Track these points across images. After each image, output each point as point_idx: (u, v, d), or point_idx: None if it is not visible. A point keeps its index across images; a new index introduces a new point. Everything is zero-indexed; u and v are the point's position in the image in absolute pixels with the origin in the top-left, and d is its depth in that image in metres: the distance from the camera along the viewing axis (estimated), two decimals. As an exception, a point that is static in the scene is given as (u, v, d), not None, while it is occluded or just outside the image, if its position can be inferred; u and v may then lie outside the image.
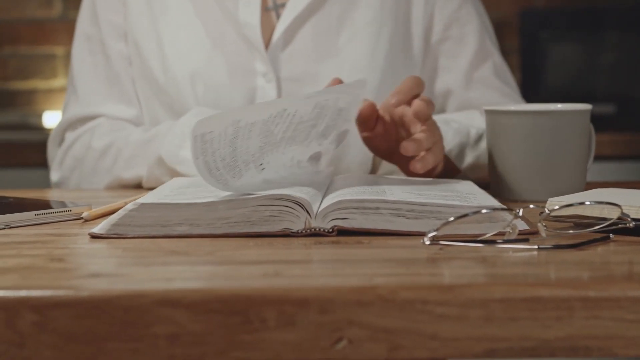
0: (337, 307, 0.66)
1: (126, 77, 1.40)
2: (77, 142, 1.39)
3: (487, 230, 0.84)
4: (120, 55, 1.40)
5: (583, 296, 0.67)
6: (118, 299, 0.66)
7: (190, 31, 1.37)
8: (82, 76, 1.42)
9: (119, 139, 1.34)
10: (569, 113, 1.07)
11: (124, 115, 1.40)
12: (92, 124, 1.40)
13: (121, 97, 1.40)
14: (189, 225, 0.87)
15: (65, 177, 1.40)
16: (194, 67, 1.35)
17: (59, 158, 1.41)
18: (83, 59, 1.42)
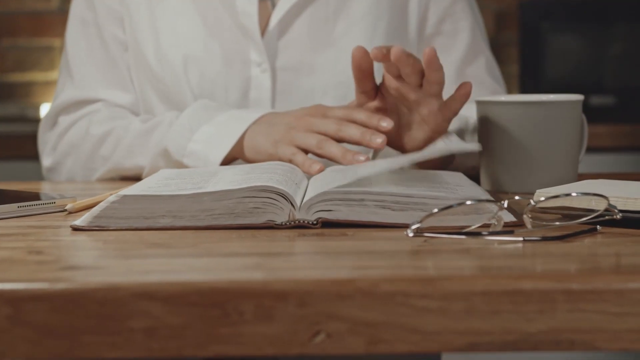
0: (316, 300, 0.65)
1: (122, 62, 1.39)
2: (74, 128, 1.37)
3: (473, 222, 0.83)
4: (116, 40, 1.39)
5: (566, 289, 0.66)
6: (94, 292, 0.65)
7: (187, 18, 1.36)
8: (77, 60, 1.40)
9: (118, 127, 1.33)
10: (560, 103, 1.06)
11: (120, 101, 1.39)
12: (89, 108, 1.38)
13: (118, 82, 1.39)
14: (172, 217, 0.86)
15: (58, 163, 1.38)
16: (189, 55, 1.34)
17: (52, 142, 1.39)
18: (78, 42, 1.40)
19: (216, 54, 1.34)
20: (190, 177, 0.98)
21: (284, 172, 0.98)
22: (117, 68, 1.39)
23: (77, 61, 1.39)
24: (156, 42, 1.36)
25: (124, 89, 1.39)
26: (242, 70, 1.35)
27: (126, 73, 1.39)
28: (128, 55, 1.39)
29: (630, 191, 0.85)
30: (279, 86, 1.35)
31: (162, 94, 1.36)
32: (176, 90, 1.35)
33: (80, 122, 1.37)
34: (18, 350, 0.65)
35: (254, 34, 1.34)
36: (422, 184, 0.94)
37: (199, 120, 1.23)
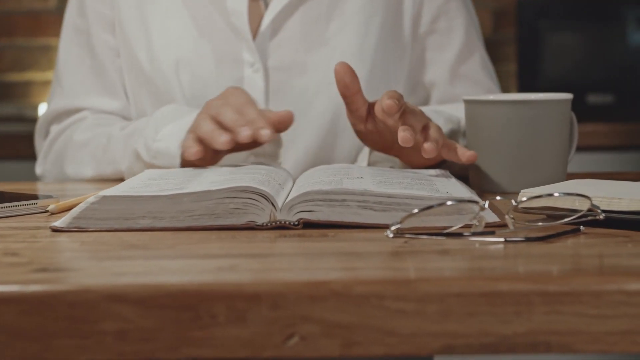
0: (289, 303, 0.65)
1: (112, 68, 1.39)
2: (61, 137, 1.39)
3: (455, 222, 0.82)
4: (106, 46, 1.39)
5: (543, 290, 0.65)
6: (64, 295, 0.64)
7: (178, 20, 1.35)
8: (67, 68, 1.41)
9: (100, 134, 1.33)
10: (548, 103, 1.05)
11: (108, 108, 1.39)
12: (77, 117, 1.39)
13: (105, 89, 1.39)
14: (153, 218, 0.85)
15: (47, 171, 1.40)
16: (180, 56, 1.34)
17: (44, 151, 1.41)
18: (69, 50, 1.41)
19: (208, 55, 1.34)
20: (173, 177, 0.97)
21: (267, 173, 0.97)
22: (106, 75, 1.39)
23: (66, 69, 1.40)
24: (148, 44, 1.35)
25: (113, 96, 1.39)
26: (235, 71, 1.34)
27: (116, 79, 1.39)
28: (120, 60, 1.39)
29: (615, 191, 0.84)
30: (272, 86, 1.35)
31: (154, 96, 1.36)
32: (168, 92, 1.34)
33: (67, 131, 1.39)
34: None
35: (245, 34, 1.33)
36: (408, 182, 0.93)
37: (164, 121, 1.23)
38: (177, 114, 1.23)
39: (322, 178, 0.94)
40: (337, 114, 1.35)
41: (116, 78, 1.39)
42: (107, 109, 1.39)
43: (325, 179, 0.93)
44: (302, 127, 1.35)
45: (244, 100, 1.14)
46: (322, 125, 1.35)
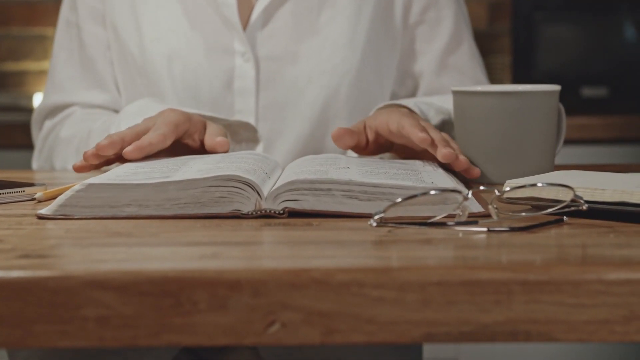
0: (270, 290, 0.65)
1: (102, 61, 1.40)
2: (52, 133, 1.41)
3: (440, 212, 0.82)
4: (96, 39, 1.39)
5: (522, 279, 0.65)
6: (45, 281, 0.65)
7: (168, 11, 1.36)
8: (58, 62, 1.42)
9: (82, 129, 1.34)
10: (535, 94, 1.05)
11: (97, 101, 1.40)
12: (67, 112, 1.41)
13: (95, 82, 1.40)
14: (138, 207, 0.86)
15: (41, 167, 1.42)
16: (171, 48, 1.34)
17: (38, 148, 1.43)
18: (61, 44, 1.42)
19: (199, 46, 1.34)
20: (160, 166, 0.98)
21: (254, 162, 0.97)
22: (95, 68, 1.40)
23: (58, 64, 1.42)
24: (139, 36, 1.36)
25: (102, 89, 1.40)
26: (226, 61, 1.34)
27: (106, 72, 1.40)
28: (111, 53, 1.39)
29: (598, 182, 0.84)
30: (263, 76, 1.35)
31: (145, 88, 1.36)
32: (158, 83, 1.34)
33: (57, 126, 1.41)
34: (-31, 338, 0.65)
35: (235, 24, 1.33)
36: (394, 172, 0.93)
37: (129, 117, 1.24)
38: (143, 109, 1.24)
39: (308, 167, 0.94)
40: (328, 104, 1.35)
41: (106, 71, 1.40)
42: (96, 103, 1.40)
43: (312, 168, 0.94)
44: (292, 117, 1.35)
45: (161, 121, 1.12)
46: (312, 114, 1.35)
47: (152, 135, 1.06)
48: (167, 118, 1.10)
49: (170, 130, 1.07)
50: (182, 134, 1.11)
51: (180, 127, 1.10)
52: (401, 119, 1.07)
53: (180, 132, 1.10)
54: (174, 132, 1.08)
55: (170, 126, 1.08)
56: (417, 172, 0.96)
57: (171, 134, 1.07)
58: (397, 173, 0.94)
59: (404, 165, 1.01)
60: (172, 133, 1.08)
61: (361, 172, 0.92)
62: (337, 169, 0.94)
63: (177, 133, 1.09)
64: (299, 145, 1.36)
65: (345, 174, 0.89)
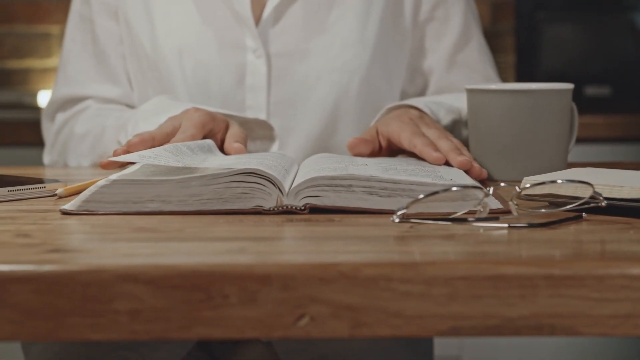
0: (299, 284, 0.66)
1: (115, 55, 1.40)
2: (65, 127, 1.41)
3: (459, 208, 0.83)
4: (109, 33, 1.40)
5: (547, 274, 0.66)
6: (78, 274, 0.66)
7: (181, 6, 1.37)
8: (71, 55, 1.42)
9: (97, 124, 1.35)
10: (549, 92, 1.06)
11: (111, 95, 1.40)
12: (80, 106, 1.41)
13: (108, 76, 1.41)
14: (161, 202, 0.87)
15: (54, 161, 1.43)
16: (183, 43, 1.35)
17: (50, 141, 1.44)
18: (74, 38, 1.42)
19: (210, 42, 1.35)
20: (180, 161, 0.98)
21: (273, 158, 0.98)
22: (108, 62, 1.40)
23: (70, 57, 1.42)
24: (151, 30, 1.37)
25: (115, 82, 1.41)
26: (237, 57, 1.35)
27: (119, 66, 1.40)
28: (123, 47, 1.40)
29: (616, 179, 0.86)
30: (274, 72, 1.36)
31: (157, 83, 1.37)
32: (170, 78, 1.35)
33: (71, 121, 1.41)
34: (2, 331, 0.66)
35: (248, 20, 1.34)
36: (412, 168, 0.94)
37: (146, 115, 1.25)
38: (160, 107, 1.25)
39: (327, 164, 0.95)
40: (339, 101, 1.36)
41: (119, 65, 1.41)
42: (109, 96, 1.40)
43: (331, 165, 0.95)
44: (303, 113, 1.36)
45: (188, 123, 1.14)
46: (323, 111, 1.36)
47: (181, 138, 1.08)
48: (193, 118, 1.12)
49: (198, 132, 1.10)
50: (206, 133, 1.13)
51: (206, 127, 1.12)
52: (413, 138, 1.08)
53: (205, 131, 1.12)
54: (201, 132, 1.11)
55: (198, 127, 1.10)
56: (434, 169, 0.97)
57: (199, 135, 1.10)
58: (415, 170, 0.95)
59: (421, 163, 1.02)
60: (200, 133, 1.10)
61: (380, 169, 0.93)
62: (356, 165, 0.95)
63: (203, 133, 1.11)
64: (309, 141, 1.37)
65: (364, 171, 0.90)
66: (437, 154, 1.03)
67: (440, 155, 1.03)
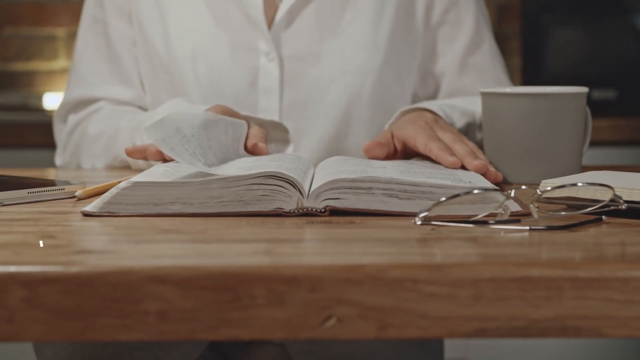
0: (326, 286, 0.66)
1: (128, 57, 1.41)
2: (78, 129, 1.41)
3: (479, 211, 0.84)
4: (122, 35, 1.41)
5: (573, 276, 0.67)
6: (107, 275, 0.66)
7: (194, 9, 1.37)
8: (84, 57, 1.43)
9: (110, 126, 1.35)
10: (565, 96, 1.07)
11: (124, 97, 1.41)
12: (93, 107, 1.41)
13: (121, 78, 1.41)
14: (182, 204, 0.87)
15: (67, 163, 1.43)
16: (196, 46, 1.36)
17: (62, 143, 1.44)
18: (87, 40, 1.43)
19: (223, 44, 1.35)
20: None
21: (291, 161, 0.99)
22: (121, 64, 1.41)
23: (83, 59, 1.43)
24: (164, 33, 1.37)
25: (128, 85, 1.41)
26: (250, 60, 1.36)
27: (132, 68, 1.41)
28: (136, 50, 1.41)
29: (635, 182, 0.86)
30: (287, 75, 1.36)
31: (169, 86, 1.38)
32: (182, 81, 1.36)
33: (83, 122, 1.41)
34: (32, 331, 0.66)
35: (260, 23, 1.35)
36: (430, 171, 0.95)
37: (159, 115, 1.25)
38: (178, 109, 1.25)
39: (345, 167, 0.96)
40: (350, 104, 1.37)
41: (132, 67, 1.41)
42: (122, 99, 1.41)
43: (349, 168, 0.95)
44: (315, 116, 1.37)
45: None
46: (335, 114, 1.37)
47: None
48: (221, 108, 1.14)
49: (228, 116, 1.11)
50: None
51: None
52: (428, 142, 1.08)
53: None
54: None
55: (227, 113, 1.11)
56: (452, 172, 0.97)
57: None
58: (434, 172, 0.95)
59: (437, 166, 1.03)
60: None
61: (398, 172, 0.93)
62: (374, 168, 0.95)
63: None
64: (322, 144, 1.37)
65: (383, 173, 0.91)
66: (453, 159, 1.04)
67: (456, 160, 1.04)
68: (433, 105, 1.25)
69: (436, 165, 1.02)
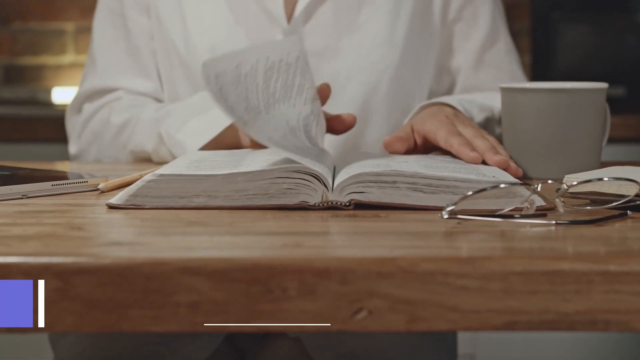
0: (357, 278, 0.67)
1: (146, 50, 1.41)
2: (96, 117, 1.40)
3: (504, 205, 0.84)
4: (141, 28, 1.41)
5: (603, 270, 0.67)
6: (140, 267, 0.66)
7: (213, 5, 1.37)
8: (102, 49, 1.42)
9: (136, 115, 1.35)
10: (586, 91, 1.07)
11: (143, 89, 1.40)
12: (110, 97, 1.40)
13: (140, 71, 1.41)
14: (207, 197, 0.87)
15: (83, 150, 1.41)
16: (215, 41, 1.36)
17: (77, 131, 1.42)
18: (104, 31, 1.42)
19: (242, 40, 1.36)
20: (222, 157, 0.99)
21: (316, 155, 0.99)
22: (140, 56, 1.41)
23: (101, 50, 1.42)
24: (183, 29, 1.37)
25: (147, 77, 1.41)
26: None
27: (150, 61, 1.41)
28: (154, 43, 1.41)
29: (659, 177, 0.86)
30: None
31: (188, 80, 1.38)
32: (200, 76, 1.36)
33: (102, 110, 1.39)
34: (66, 322, 0.66)
35: (280, 19, 1.35)
36: (453, 166, 0.95)
37: (193, 112, 1.25)
38: (206, 104, 1.25)
39: (369, 161, 0.96)
40: (368, 99, 1.37)
41: (150, 60, 1.41)
42: (141, 90, 1.40)
43: (373, 162, 0.95)
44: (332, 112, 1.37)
45: None
46: (352, 110, 1.37)
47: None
48: None
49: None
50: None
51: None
52: (449, 137, 1.08)
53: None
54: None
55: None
56: (475, 167, 0.98)
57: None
58: (456, 167, 0.95)
59: (459, 161, 1.03)
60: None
61: (421, 166, 0.94)
62: (397, 162, 0.96)
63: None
64: (339, 140, 1.37)
65: (407, 168, 0.91)
66: (474, 154, 1.04)
67: (477, 155, 1.04)
68: (452, 99, 1.25)
69: (457, 160, 1.03)
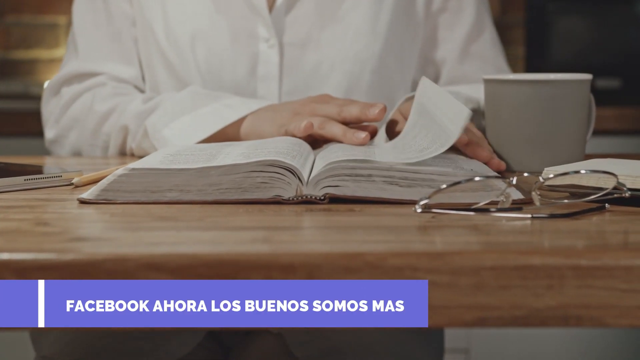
0: (324, 274, 0.65)
1: (128, 36, 1.39)
2: (77, 101, 1.36)
3: (481, 198, 0.83)
4: (123, 14, 1.39)
5: (575, 265, 0.65)
6: (101, 263, 0.65)
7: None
8: (83, 33, 1.39)
9: (121, 105, 1.33)
10: (568, 82, 1.06)
11: (125, 76, 1.38)
12: (93, 81, 1.37)
13: (122, 56, 1.39)
14: (179, 192, 0.86)
15: (61, 136, 1.38)
16: (196, 30, 1.34)
17: (55, 115, 1.38)
18: (84, 16, 1.40)
19: (223, 30, 1.34)
20: (198, 150, 0.98)
21: (292, 146, 0.98)
22: (122, 42, 1.39)
23: (82, 34, 1.39)
24: (164, 17, 1.36)
25: (128, 63, 1.39)
26: (250, 46, 1.35)
27: (131, 47, 1.39)
28: (135, 29, 1.39)
29: (639, 170, 0.85)
30: (286, 61, 1.35)
31: (169, 69, 1.36)
32: (183, 65, 1.35)
33: (84, 96, 1.36)
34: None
35: (261, 9, 1.34)
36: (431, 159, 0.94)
37: (183, 109, 1.24)
38: (196, 101, 1.24)
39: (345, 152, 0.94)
40: (350, 91, 1.36)
41: (132, 46, 1.39)
42: (124, 77, 1.38)
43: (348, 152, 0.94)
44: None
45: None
46: (335, 100, 1.36)
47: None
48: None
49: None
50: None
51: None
52: None
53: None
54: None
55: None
56: (454, 160, 0.96)
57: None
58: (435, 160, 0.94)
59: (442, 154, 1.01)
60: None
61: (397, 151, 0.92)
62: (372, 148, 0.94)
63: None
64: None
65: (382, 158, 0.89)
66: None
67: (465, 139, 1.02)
68: None
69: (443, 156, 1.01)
